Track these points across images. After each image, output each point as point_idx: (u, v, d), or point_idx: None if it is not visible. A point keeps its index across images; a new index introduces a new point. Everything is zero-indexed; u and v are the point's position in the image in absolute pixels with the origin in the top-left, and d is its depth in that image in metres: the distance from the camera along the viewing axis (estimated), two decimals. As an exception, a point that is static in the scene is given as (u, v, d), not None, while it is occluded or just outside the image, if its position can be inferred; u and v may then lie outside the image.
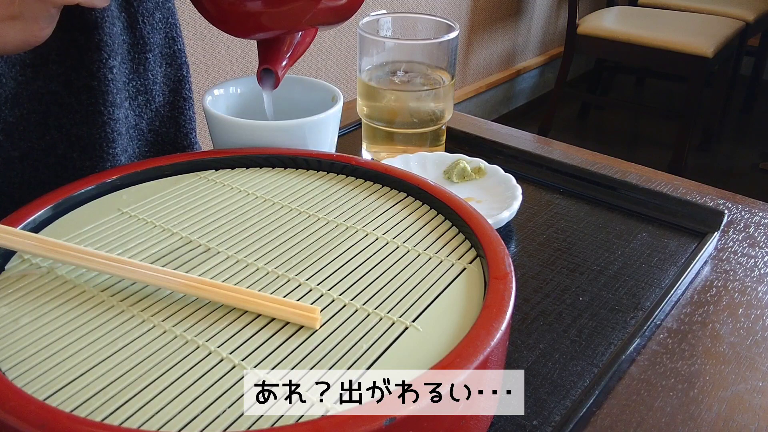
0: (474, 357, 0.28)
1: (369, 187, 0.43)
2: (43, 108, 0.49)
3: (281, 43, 0.47)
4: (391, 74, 0.59)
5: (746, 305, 0.46)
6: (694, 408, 0.38)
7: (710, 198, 0.58)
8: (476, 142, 0.65)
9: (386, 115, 0.58)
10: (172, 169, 0.44)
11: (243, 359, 0.29)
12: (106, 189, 0.41)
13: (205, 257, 0.36)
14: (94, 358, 0.28)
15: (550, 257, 0.49)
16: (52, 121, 0.50)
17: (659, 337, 0.43)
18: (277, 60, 0.47)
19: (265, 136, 0.46)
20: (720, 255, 0.51)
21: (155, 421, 0.26)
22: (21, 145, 0.48)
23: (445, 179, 0.56)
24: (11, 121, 0.47)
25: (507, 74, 2.64)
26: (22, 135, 0.48)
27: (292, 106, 0.52)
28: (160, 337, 0.30)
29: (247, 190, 0.42)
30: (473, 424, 0.31)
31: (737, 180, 2.31)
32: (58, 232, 0.37)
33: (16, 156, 0.48)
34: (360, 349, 0.30)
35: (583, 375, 0.39)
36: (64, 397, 0.27)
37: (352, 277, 0.34)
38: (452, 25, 0.58)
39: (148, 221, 0.39)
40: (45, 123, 0.49)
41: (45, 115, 0.49)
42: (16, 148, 0.48)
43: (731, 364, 0.41)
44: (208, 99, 0.49)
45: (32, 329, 0.30)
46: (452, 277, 0.35)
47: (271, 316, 0.31)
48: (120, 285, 0.33)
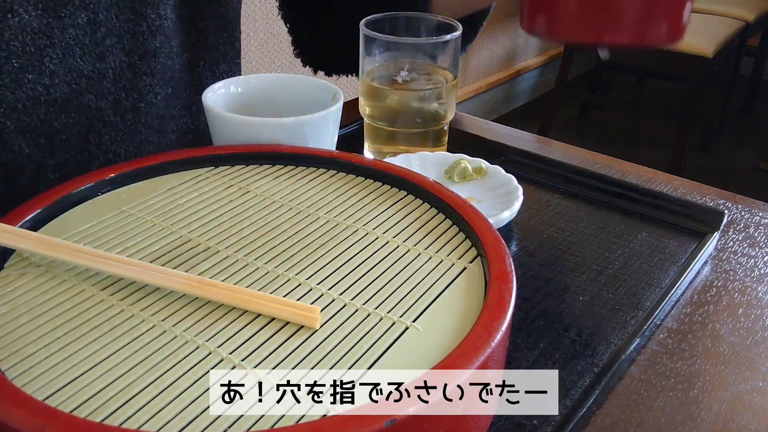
0: (475, 357, 0.28)
1: (369, 185, 0.43)
2: (87, 123, 0.50)
3: None
4: (394, 74, 0.59)
5: (746, 305, 0.46)
6: (694, 408, 0.37)
7: (710, 198, 0.58)
8: (477, 142, 0.65)
9: (388, 115, 0.58)
10: (171, 167, 0.44)
11: (243, 359, 0.29)
12: (105, 187, 0.41)
13: (205, 256, 0.36)
14: (94, 358, 0.28)
15: (550, 257, 0.49)
16: (94, 137, 0.51)
17: (659, 337, 0.43)
18: None
19: (265, 133, 0.46)
20: (720, 255, 0.51)
21: (155, 422, 0.26)
22: (58, 154, 0.49)
23: (446, 179, 0.56)
24: (56, 127, 0.48)
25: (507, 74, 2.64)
26: (62, 144, 0.49)
27: (293, 105, 0.52)
28: (160, 337, 0.30)
29: (247, 187, 0.42)
30: (474, 425, 0.31)
31: (737, 180, 2.32)
32: (58, 230, 0.37)
33: (50, 164, 0.49)
34: (360, 349, 0.29)
35: (583, 375, 0.39)
36: (63, 397, 0.26)
37: (353, 277, 0.34)
38: (455, 24, 0.58)
39: (147, 219, 0.38)
40: (86, 138, 0.50)
41: (88, 130, 0.50)
42: (53, 157, 0.49)
43: (731, 364, 0.41)
44: (209, 96, 0.49)
45: (31, 328, 0.30)
46: (453, 276, 0.35)
47: (271, 316, 0.31)
48: (119, 284, 0.33)
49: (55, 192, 0.39)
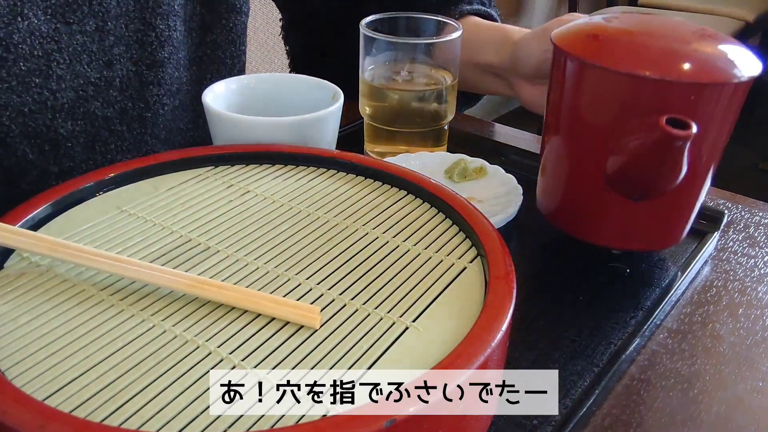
0: (475, 357, 0.28)
1: (369, 184, 0.43)
2: (93, 131, 0.50)
3: None
4: (394, 74, 0.59)
5: (746, 305, 0.46)
6: (694, 408, 0.37)
7: (710, 198, 0.58)
8: (477, 142, 0.65)
9: (388, 115, 0.58)
10: (171, 166, 0.44)
11: (243, 359, 0.29)
12: (105, 186, 0.41)
13: (205, 256, 0.36)
14: (94, 358, 0.28)
15: (550, 257, 0.49)
16: (99, 146, 0.51)
17: (659, 337, 0.43)
18: None
19: (265, 132, 0.46)
20: (720, 255, 0.51)
21: (155, 422, 0.25)
22: (63, 161, 0.49)
23: (446, 179, 0.56)
24: (61, 134, 0.48)
25: (507, 74, 2.64)
26: (67, 152, 0.49)
27: (293, 104, 0.52)
28: (160, 337, 0.30)
29: (247, 187, 0.42)
30: (474, 425, 0.31)
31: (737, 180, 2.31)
32: (57, 230, 0.37)
33: (54, 171, 0.49)
34: (360, 349, 0.29)
35: (583, 375, 0.39)
36: (63, 397, 0.26)
37: (353, 277, 0.34)
38: (455, 24, 0.58)
39: (147, 219, 0.38)
40: (92, 146, 0.50)
41: (94, 138, 0.50)
42: (57, 164, 0.49)
43: (731, 364, 0.41)
44: (209, 95, 0.49)
45: (31, 328, 0.30)
46: (453, 276, 0.34)
47: (271, 316, 0.31)
48: (119, 284, 0.33)
49: (55, 192, 0.39)
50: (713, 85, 0.40)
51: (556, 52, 0.44)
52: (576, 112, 0.44)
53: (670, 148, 0.37)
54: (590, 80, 0.43)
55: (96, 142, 0.50)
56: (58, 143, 0.48)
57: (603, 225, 0.46)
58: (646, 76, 0.39)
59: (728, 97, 0.41)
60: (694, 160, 0.41)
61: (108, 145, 0.51)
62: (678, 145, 0.37)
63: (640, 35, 0.43)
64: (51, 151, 0.48)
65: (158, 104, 0.53)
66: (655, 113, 0.38)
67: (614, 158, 0.41)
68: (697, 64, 0.40)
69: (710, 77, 0.40)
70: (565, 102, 0.45)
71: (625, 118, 0.41)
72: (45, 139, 0.47)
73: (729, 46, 0.42)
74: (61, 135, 0.48)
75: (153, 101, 0.53)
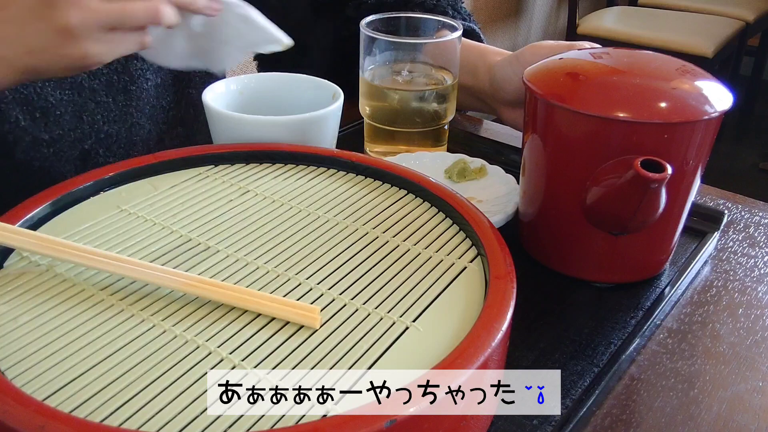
0: (475, 357, 0.28)
1: (369, 184, 0.43)
2: (81, 101, 0.53)
3: None
4: (394, 73, 0.59)
5: (746, 305, 0.46)
6: (694, 408, 0.37)
7: (710, 198, 0.58)
8: (477, 142, 0.65)
9: (388, 115, 0.58)
10: (171, 166, 0.44)
11: (243, 359, 0.29)
12: (105, 186, 0.41)
13: (205, 256, 0.35)
14: (94, 358, 0.28)
15: (550, 257, 0.49)
16: (87, 116, 0.54)
17: (659, 337, 0.43)
18: None
19: (265, 131, 0.46)
20: (720, 255, 0.51)
21: (155, 422, 0.25)
22: (53, 129, 0.52)
23: (446, 179, 0.56)
24: (51, 102, 0.51)
25: (507, 73, 2.64)
26: (57, 120, 0.52)
27: (293, 104, 0.52)
28: (160, 337, 0.30)
29: (246, 186, 0.42)
30: (474, 425, 0.31)
31: (737, 180, 2.31)
32: (57, 229, 0.37)
33: (45, 139, 0.52)
34: (360, 349, 0.29)
35: (583, 375, 0.39)
36: (63, 397, 0.26)
37: (353, 276, 0.34)
38: (455, 24, 0.57)
39: (147, 219, 0.38)
40: (80, 116, 0.54)
41: (81, 108, 0.54)
42: (48, 131, 0.52)
43: (731, 364, 0.41)
44: (209, 94, 0.49)
45: (31, 328, 0.30)
46: (453, 276, 0.34)
47: (271, 316, 0.31)
48: (119, 283, 0.33)
49: (55, 191, 0.39)
50: (684, 124, 0.40)
51: (529, 92, 0.44)
52: (550, 151, 0.44)
53: (646, 189, 0.37)
54: (562, 122, 0.43)
55: (83, 112, 0.53)
56: (47, 110, 0.51)
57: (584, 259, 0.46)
58: (617, 118, 0.39)
59: (701, 133, 0.41)
60: (672, 192, 0.41)
61: (95, 116, 0.54)
62: (654, 187, 0.37)
63: (612, 74, 0.43)
64: (41, 119, 0.51)
65: (142, 78, 0.56)
66: (628, 153, 0.38)
67: (592, 195, 0.41)
68: (668, 102, 0.40)
69: (681, 116, 0.40)
70: (539, 140, 0.45)
71: (600, 158, 0.41)
72: (36, 107, 0.50)
73: (703, 83, 0.42)
74: (50, 103, 0.51)
75: (137, 75, 0.56)
